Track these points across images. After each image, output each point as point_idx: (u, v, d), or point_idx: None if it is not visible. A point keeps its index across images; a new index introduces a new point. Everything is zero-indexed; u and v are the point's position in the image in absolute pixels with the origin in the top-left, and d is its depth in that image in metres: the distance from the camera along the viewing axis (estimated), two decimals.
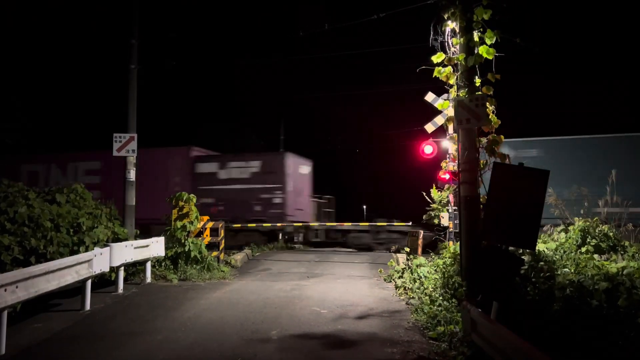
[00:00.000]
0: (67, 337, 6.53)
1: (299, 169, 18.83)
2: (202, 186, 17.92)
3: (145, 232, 13.99)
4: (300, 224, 18.02)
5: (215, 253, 12.44)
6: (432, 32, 8.05)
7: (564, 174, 12.67)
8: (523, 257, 6.61)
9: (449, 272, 8.23)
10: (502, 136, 7.41)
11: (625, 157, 14.30)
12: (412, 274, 9.65)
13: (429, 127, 12.37)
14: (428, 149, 13.77)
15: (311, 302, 8.48)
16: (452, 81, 7.75)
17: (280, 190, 17.58)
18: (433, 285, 8.43)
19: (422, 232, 13.09)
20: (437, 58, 7.75)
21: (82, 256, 8.05)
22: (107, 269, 8.73)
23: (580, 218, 9.13)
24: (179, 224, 11.80)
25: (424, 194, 14.70)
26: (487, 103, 7.15)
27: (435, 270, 9.31)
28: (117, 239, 10.10)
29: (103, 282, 9.43)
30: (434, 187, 14.63)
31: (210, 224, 12.83)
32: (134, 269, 10.72)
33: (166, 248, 11.28)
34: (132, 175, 12.37)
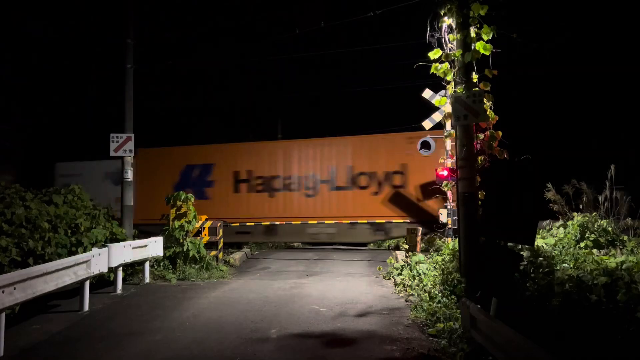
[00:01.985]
0: (65, 338, 6.51)
1: None
2: None
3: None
4: None
5: (213, 252, 12.42)
6: (428, 29, 8.04)
7: None
8: (522, 252, 6.61)
9: (448, 268, 8.23)
10: (499, 132, 7.41)
11: None
12: (411, 271, 9.64)
13: (427, 124, 12.37)
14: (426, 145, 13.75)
15: (310, 301, 8.47)
16: (449, 77, 7.74)
17: None
18: (432, 282, 8.42)
19: (420, 228, 13.07)
20: (434, 54, 7.74)
21: (80, 257, 8.03)
22: (105, 270, 8.71)
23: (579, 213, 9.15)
24: (177, 223, 11.77)
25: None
26: (485, 99, 7.14)
27: (434, 267, 9.30)
28: (116, 239, 10.08)
29: (102, 282, 9.41)
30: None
31: (208, 223, 12.80)
32: (133, 269, 10.70)
33: (165, 248, 11.26)
34: (129, 175, 12.35)
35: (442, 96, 9.67)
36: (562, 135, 20.65)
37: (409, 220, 15.76)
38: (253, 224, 16.96)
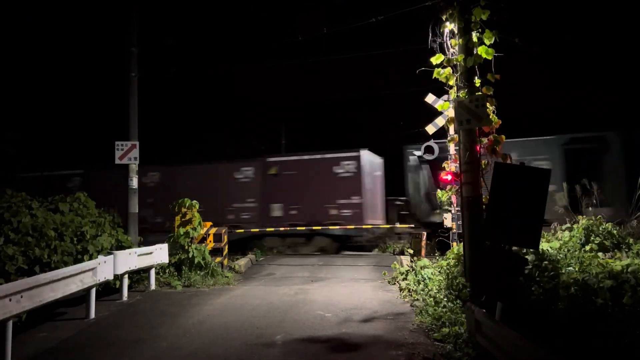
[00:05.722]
0: (72, 346, 6.54)
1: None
2: None
3: None
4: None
5: (218, 259, 12.45)
6: (430, 34, 8.06)
7: None
8: (527, 256, 6.60)
9: (452, 273, 8.21)
10: (503, 136, 7.41)
11: None
12: (416, 276, 9.63)
13: (430, 129, 12.35)
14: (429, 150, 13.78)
15: (315, 306, 8.48)
16: (451, 82, 7.75)
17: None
18: (437, 287, 8.41)
19: (425, 233, 13.06)
20: (436, 59, 7.76)
21: (86, 264, 8.07)
22: (111, 277, 8.74)
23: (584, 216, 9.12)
24: (182, 230, 11.80)
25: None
26: (487, 103, 7.14)
27: (439, 272, 9.29)
28: (121, 246, 10.13)
29: (107, 289, 9.45)
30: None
31: (213, 230, 12.83)
32: (138, 276, 10.73)
33: (170, 255, 11.29)
34: (134, 183, 12.41)
35: (445, 101, 9.65)
36: None
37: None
38: None
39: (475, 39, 7.30)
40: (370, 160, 18.22)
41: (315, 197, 17.34)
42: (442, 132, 12.00)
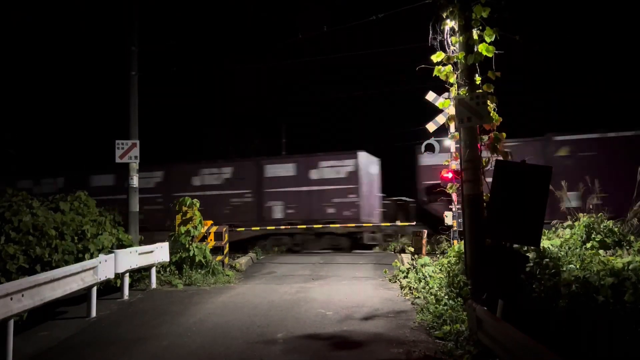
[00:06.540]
0: (73, 345, 6.55)
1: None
2: None
3: None
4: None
5: (219, 257, 12.45)
6: (431, 32, 8.04)
7: None
8: (528, 254, 6.59)
9: (453, 271, 8.21)
10: (503, 134, 7.40)
11: None
12: (417, 274, 9.63)
13: (431, 127, 12.33)
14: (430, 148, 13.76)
15: (316, 304, 8.48)
16: (452, 80, 7.73)
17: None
18: (438, 285, 8.41)
19: (425, 231, 13.05)
20: (436, 57, 7.74)
21: (87, 263, 8.07)
22: (112, 276, 8.75)
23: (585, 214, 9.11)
24: (182, 229, 11.81)
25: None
26: (488, 101, 7.13)
27: (440, 270, 9.30)
28: (122, 245, 10.13)
29: (108, 288, 9.46)
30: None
31: (214, 229, 12.82)
32: (139, 274, 10.74)
33: (170, 253, 11.29)
34: (135, 182, 12.39)
35: (446, 98, 9.65)
36: None
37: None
38: None
39: (475, 37, 7.28)
40: None
41: None
42: None
